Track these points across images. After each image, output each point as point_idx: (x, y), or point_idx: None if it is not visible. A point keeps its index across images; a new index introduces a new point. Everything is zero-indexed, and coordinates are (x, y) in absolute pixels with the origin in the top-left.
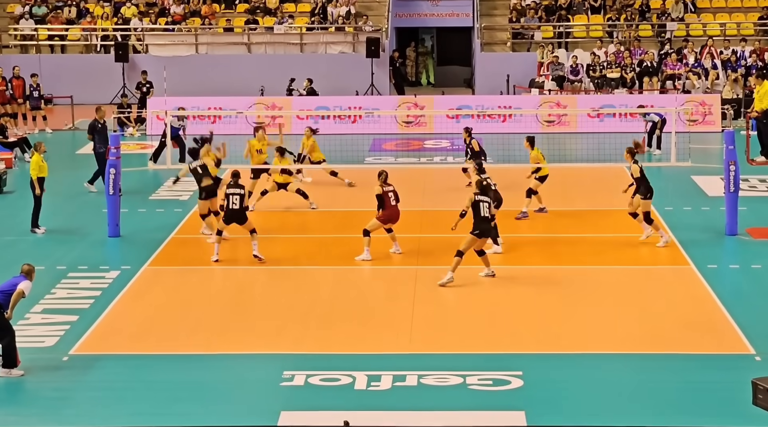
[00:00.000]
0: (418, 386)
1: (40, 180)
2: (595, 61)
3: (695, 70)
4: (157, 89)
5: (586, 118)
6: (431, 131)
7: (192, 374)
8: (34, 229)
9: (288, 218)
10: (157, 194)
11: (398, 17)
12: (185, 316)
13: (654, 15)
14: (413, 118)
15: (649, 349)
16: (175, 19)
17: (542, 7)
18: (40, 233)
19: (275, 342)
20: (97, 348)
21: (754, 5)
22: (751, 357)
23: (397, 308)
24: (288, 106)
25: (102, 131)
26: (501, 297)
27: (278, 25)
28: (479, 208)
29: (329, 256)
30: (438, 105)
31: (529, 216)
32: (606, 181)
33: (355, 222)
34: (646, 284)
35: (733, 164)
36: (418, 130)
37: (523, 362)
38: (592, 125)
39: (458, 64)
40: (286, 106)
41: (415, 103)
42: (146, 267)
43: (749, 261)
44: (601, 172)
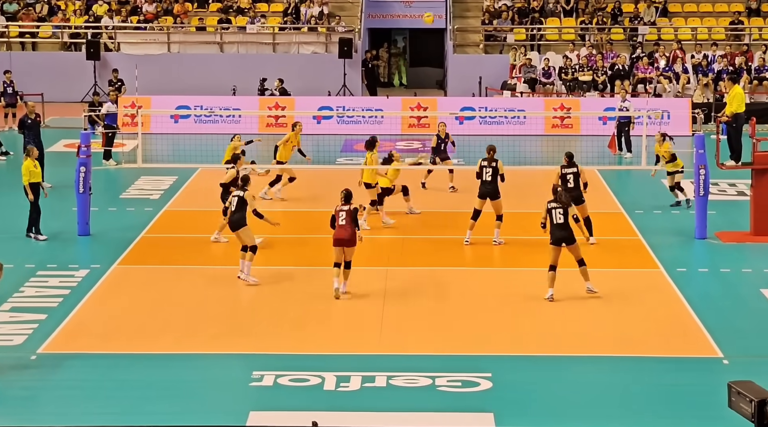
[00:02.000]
0: (387, 387)
1: (32, 185)
2: (567, 63)
3: (666, 74)
4: (129, 88)
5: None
6: (403, 132)
7: (161, 373)
8: (37, 236)
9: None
10: (127, 193)
11: (371, 18)
12: (155, 315)
13: (626, 19)
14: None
15: (618, 351)
16: (147, 18)
17: (515, 10)
18: (41, 240)
19: (245, 342)
20: (66, 347)
21: (725, 10)
22: (719, 360)
23: (367, 309)
24: (291, 106)
25: (32, 127)
26: (471, 298)
27: (251, 25)
28: (552, 215)
29: (300, 256)
30: (442, 106)
31: None
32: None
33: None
34: (616, 287)
35: (703, 168)
36: (389, 130)
37: (492, 364)
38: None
39: (431, 66)
40: (290, 105)
41: (418, 105)
42: (116, 266)
43: (718, 265)
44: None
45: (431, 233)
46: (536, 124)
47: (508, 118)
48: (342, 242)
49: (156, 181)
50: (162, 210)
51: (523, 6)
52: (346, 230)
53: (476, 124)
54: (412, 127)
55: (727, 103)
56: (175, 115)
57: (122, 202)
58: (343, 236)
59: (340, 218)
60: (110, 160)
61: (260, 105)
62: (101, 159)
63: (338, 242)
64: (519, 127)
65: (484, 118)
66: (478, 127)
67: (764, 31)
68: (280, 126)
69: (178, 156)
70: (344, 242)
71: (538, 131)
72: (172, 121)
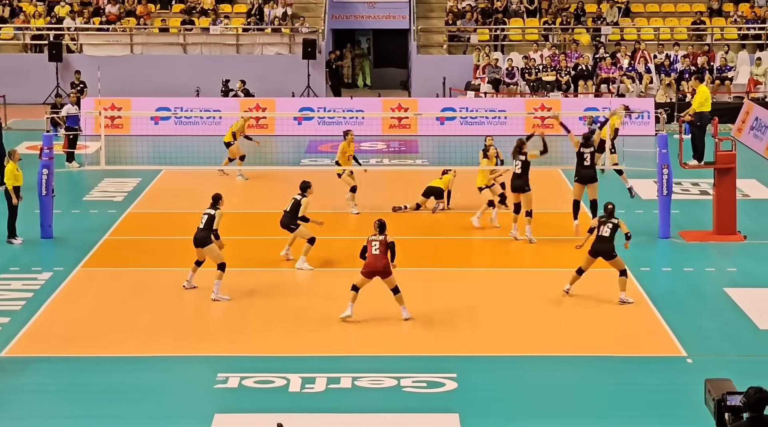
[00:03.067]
0: (352, 388)
1: (15, 189)
2: (531, 64)
3: (629, 73)
4: (91, 89)
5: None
6: (370, 133)
7: (125, 376)
8: (11, 240)
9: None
10: (90, 195)
11: (334, 19)
12: (118, 318)
13: (589, 19)
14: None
15: (582, 351)
16: (109, 19)
17: (478, 10)
18: (17, 244)
19: (209, 344)
20: (29, 350)
21: (688, 10)
22: (683, 359)
23: (333, 310)
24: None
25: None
26: (436, 299)
27: (214, 26)
28: (600, 228)
29: (266, 258)
30: (423, 107)
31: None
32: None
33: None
34: (580, 286)
35: (666, 168)
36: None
37: (457, 364)
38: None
39: (395, 66)
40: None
41: (399, 105)
42: (79, 269)
43: (681, 264)
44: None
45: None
46: (517, 125)
47: (489, 118)
48: (377, 273)
49: (119, 184)
50: (125, 212)
51: (486, 7)
52: (380, 261)
53: (457, 124)
54: (393, 127)
55: (693, 102)
56: (155, 117)
57: (85, 204)
58: (379, 268)
59: (374, 247)
60: (73, 162)
61: (241, 106)
62: (64, 161)
63: (371, 274)
64: (501, 127)
65: (465, 118)
66: (459, 128)
67: (726, 31)
68: (261, 127)
69: (157, 157)
70: (380, 273)
71: (518, 131)
72: (152, 123)
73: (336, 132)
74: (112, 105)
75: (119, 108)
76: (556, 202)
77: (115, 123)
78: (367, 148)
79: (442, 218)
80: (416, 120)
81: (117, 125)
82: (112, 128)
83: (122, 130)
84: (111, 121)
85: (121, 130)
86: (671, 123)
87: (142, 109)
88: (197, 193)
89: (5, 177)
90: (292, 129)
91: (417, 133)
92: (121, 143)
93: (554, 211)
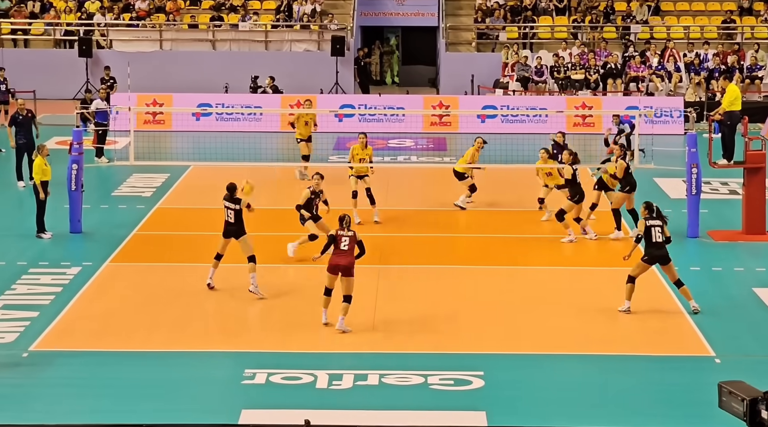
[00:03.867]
0: (379, 385)
1: (43, 184)
2: (559, 62)
3: (659, 72)
4: (121, 85)
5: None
6: (411, 131)
7: (153, 371)
8: (40, 234)
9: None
10: (119, 190)
11: (363, 16)
12: (146, 313)
13: (618, 17)
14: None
15: (610, 350)
16: (139, 15)
17: (507, 8)
18: (46, 238)
19: (236, 340)
20: (58, 345)
21: (718, 9)
22: (711, 359)
23: (359, 307)
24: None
25: (23, 123)
26: (463, 297)
27: (243, 23)
28: (651, 233)
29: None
30: (464, 105)
31: None
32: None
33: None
34: (608, 285)
35: (695, 167)
36: (382, 129)
37: (484, 362)
38: None
39: (423, 64)
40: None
41: (440, 103)
42: (108, 264)
43: (710, 264)
44: None
45: (424, 231)
46: (558, 123)
47: (530, 116)
48: (339, 268)
49: (148, 179)
50: (154, 207)
51: (515, 4)
52: (346, 257)
53: (498, 122)
54: (434, 125)
55: (723, 101)
56: (196, 113)
57: (114, 199)
58: (342, 263)
59: (343, 242)
60: (102, 157)
61: (282, 103)
62: (93, 157)
63: (335, 269)
64: (541, 125)
65: (506, 116)
66: (500, 126)
67: (756, 29)
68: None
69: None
70: (342, 269)
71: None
72: (194, 119)
73: (376, 129)
74: (154, 101)
75: (161, 103)
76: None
77: (157, 119)
78: (394, 145)
79: (470, 215)
80: (457, 118)
81: (159, 121)
82: (153, 124)
83: (164, 126)
84: (153, 117)
85: (162, 125)
86: (701, 122)
87: (184, 105)
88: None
89: (33, 172)
90: (334, 126)
91: (458, 131)
92: (159, 139)
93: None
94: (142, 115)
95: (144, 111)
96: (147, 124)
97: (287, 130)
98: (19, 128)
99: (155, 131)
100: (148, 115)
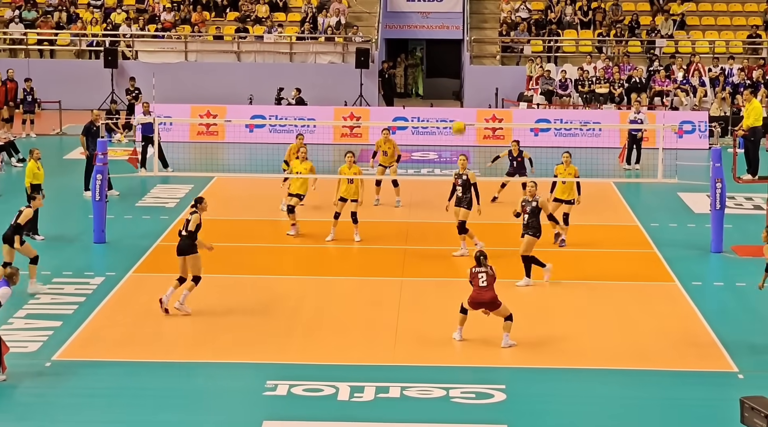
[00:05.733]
0: (401, 397)
1: (35, 187)
2: (584, 76)
3: (683, 87)
4: (146, 96)
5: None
6: (465, 144)
7: (175, 382)
8: (34, 236)
9: (272, 227)
10: (143, 201)
11: (388, 28)
12: (169, 323)
13: (643, 31)
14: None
15: (633, 365)
16: (164, 26)
17: (532, 21)
18: (38, 240)
19: (258, 351)
20: (80, 354)
21: (743, 23)
22: (734, 375)
23: (382, 320)
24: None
25: (96, 135)
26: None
27: (268, 34)
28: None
29: (314, 266)
30: (517, 118)
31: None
32: (596, 197)
33: (339, 232)
34: (631, 299)
35: (719, 182)
36: (435, 142)
37: (506, 376)
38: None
39: (447, 77)
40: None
41: (493, 116)
42: (131, 274)
43: (734, 279)
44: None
45: (446, 244)
46: (613, 137)
47: (584, 130)
48: (483, 304)
49: (172, 190)
50: (177, 218)
51: (540, 18)
52: (488, 293)
53: (551, 136)
54: (487, 138)
55: (745, 116)
56: (250, 125)
57: (138, 210)
58: (486, 299)
59: (481, 279)
60: (144, 168)
61: (335, 115)
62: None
63: (477, 305)
64: (594, 139)
65: (559, 130)
66: (553, 140)
67: None
68: (354, 136)
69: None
70: (486, 304)
71: (612, 143)
72: (247, 131)
73: (429, 142)
74: (208, 112)
75: (215, 115)
76: (608, 214)
77: (210, 130)
78: (418, 157)
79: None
80: (510, 131)
81: (212, 132)
82: (207, 135)
83: (217, 138)
84: (206, 128)
85: (216, 137)
86: (725, 137)
87: (238, 116)
88: (248, 201)
89: (26, 175)
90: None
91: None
92: (211, 150)
93: (597, 223)
94: (195, 127)
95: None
96: (200, 136)
97: (339, 142)
98: (93, 139)
99: (208, 143)
100: (202, 127)
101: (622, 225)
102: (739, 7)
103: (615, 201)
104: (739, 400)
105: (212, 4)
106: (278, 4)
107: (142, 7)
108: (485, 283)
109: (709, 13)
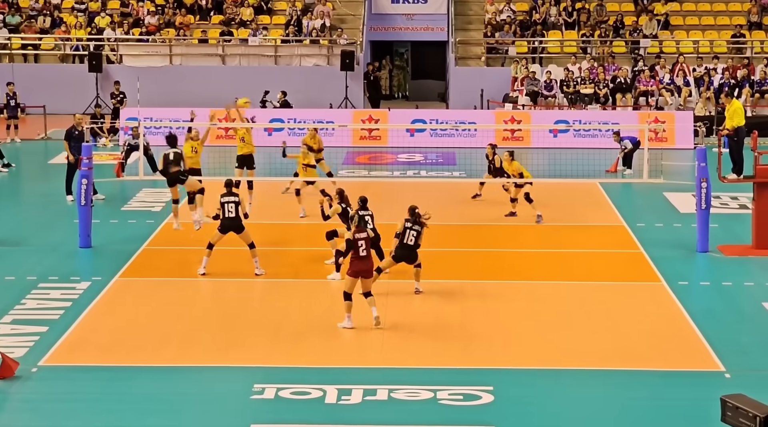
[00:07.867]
0: (388, 400)
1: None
2: (569, 76)
3: (668, 87)
4: (131, 100)
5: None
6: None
7: (162, 386)
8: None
9: (258, 230)
10: (129, 205)
11: (373, 31)
12: (156, 328)
13: (628, 32)
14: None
15: (619, 365)
16: (149, 30)
17: (517, 23)
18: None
19: (245, 355)
20: (67, 359)
21: (727, 23)
22: (721, 374)
23: (369, 322)
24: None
25: (79, 139)
26: (472, 311)
27: (253, 37)
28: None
29: (300, 269)
30: (536, 120)
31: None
32: (578, 197)
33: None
34: (617, 299)
35: (704, 181)
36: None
37: (494, 377)
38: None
39: (432, 78)
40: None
41: (512, 118)
42: (117, 278)
43: (720, 278)
44: (573, 187)
45: (434, 246)
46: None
47: (603, 131)
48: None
49: (158, 194)
50: (163, 222)
51: (525, 19)
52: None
53: (570, 137)
54: (507, 140)
55: (726, 118)
56: (268, 129)
57: (124, 214)
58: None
59: (361, 248)
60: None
61: (354, 118)
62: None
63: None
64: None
65: (578, 131)
66: (572, 141)
67: (766, 44)
68: (373, 139)
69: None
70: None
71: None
72: (266, 134)
73: (448, 144)
74: (226, 116)
75: (233, 119)
76: (594, 215)
77: (229, 134)
78: (404, 160)
79: (478, 230)
80: (529, 132)
81: (231, 136)
82: (225, 139)
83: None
84: (225, 132)
85: (234, 140)
86: (710, 136)
87: (259, 120)
88: None
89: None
90: (406, 141)
91: (530, 146)
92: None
93: (579, 224)
94: (215, 130)
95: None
96: (219, 139)
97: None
98: (75, 143)
99: (225, 146)
100: (221, 130)
101: (608, 225)
102: (723, 7)
103: (601, 201)
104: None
105: (197, 7)
106: (263, 7)
107: (127, 11)
108: (365, 252)
109: (693, 13)
